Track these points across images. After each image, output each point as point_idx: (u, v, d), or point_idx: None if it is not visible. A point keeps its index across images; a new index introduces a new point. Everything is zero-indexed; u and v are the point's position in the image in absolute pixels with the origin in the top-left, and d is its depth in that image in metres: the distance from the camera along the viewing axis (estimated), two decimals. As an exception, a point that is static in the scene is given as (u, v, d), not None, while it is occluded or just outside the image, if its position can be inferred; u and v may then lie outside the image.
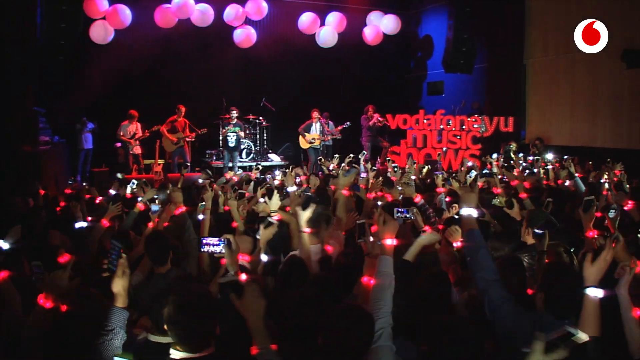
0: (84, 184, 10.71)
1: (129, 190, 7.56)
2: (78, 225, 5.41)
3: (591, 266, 2.61)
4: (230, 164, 13.23)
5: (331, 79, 15.88)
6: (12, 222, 5.38)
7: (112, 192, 7.77)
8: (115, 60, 13.45)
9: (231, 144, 13.16)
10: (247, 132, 14.08)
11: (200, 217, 4.98)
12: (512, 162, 11.17)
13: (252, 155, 14.23)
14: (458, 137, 13.65)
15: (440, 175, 7.01)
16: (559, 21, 13.03)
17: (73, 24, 11.61)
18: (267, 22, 15.34)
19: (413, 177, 7.36)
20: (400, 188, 6.51)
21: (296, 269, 3.62)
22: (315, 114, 13.62)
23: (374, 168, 9.37)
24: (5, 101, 10.17)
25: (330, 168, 9.87)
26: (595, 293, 2.59)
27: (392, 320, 2.58)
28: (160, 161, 13.48)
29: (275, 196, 4.52)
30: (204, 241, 3.26)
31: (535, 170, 9.15)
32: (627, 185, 7.82)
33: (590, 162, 10.66)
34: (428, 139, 13.86)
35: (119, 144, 13.13)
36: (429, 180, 8.75)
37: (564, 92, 13.27)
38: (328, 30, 15.44)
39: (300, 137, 13.81)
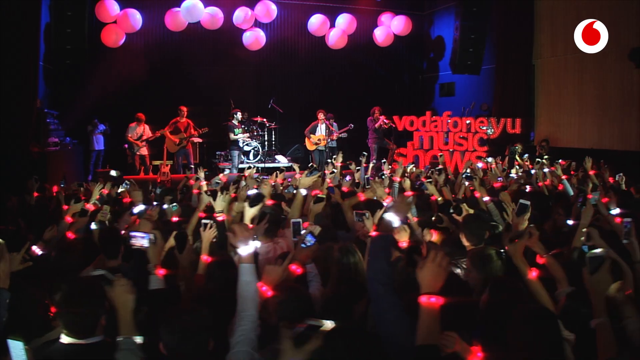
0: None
1: (120, 190, 7.77)
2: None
3: (421, 271, 2.43)
4: (241, 165, 13.38)
5: (341, 80, 15.91)
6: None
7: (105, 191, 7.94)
8: (126, 63, 13.80)
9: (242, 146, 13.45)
10: (255, 133, 14.21)
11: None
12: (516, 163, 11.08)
13: (259, 156, 14.34)
14: (465, 138, 13.52)
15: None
16: (568, 21, 12.79)
17: (78, 29, 11.89)
18: (276, 25, 15.44)
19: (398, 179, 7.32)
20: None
21: (225, 270, 3.65)
22: (321, 115, 13.69)
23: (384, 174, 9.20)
24: (13, 103, 10.47)
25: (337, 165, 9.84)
26: (430, 300, 2.35)
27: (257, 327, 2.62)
28: (169, 162, 13.69)
29: (219, 197, 4.57)
30: (132, 234, 3.36)
31: (534, 172, 9.03)
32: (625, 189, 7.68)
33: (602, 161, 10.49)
34: (435, 141, 13.76)
35: (126, 145, 13.39)
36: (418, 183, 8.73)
37: (572, 93, 13.05)
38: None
39: (306, 138, 13.90)
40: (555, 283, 3.37)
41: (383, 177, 8.16)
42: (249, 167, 9.98)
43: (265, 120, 14.33)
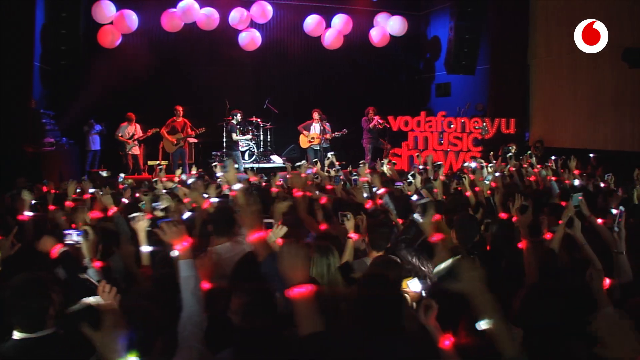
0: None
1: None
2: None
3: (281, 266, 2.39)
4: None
5: (337, 81, 15.93)
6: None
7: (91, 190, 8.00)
8: (123, 63, 13.85)
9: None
10: (251, 134, 14.26)
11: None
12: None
13: (254, 157, 14.38)
14: (459, 138, 13.55)
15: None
16: (563, 21, 12.80)
17: (73, 30, 11.97)
18: (272, 25, 15.49)
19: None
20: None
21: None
22: (316, 115, 13.70)
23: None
24: (7, 103, 10.56)
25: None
26: (299, 291, 2.31)
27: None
28: (164, 162, 13.74)
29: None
30: (65, 232, 3.37)
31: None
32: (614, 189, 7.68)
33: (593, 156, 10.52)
34: (429, 141, 13.78)
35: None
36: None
37: (567, 93, 13.04)
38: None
39: (301, 135, 13.88)
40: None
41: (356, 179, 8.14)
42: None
43: (260, 120, 14.37)
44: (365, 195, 6.09)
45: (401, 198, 6.29)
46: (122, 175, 10.07)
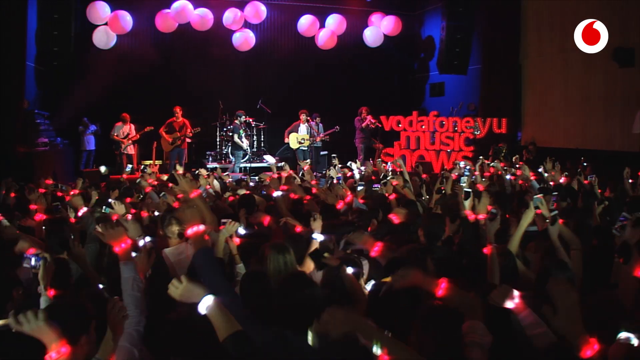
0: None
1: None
2: None
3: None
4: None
5: (331, 81, 15.93)
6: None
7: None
8: (118, 64, 13.99)
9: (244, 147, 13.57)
10: (246, 134, 14.35)
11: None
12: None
13: (247, 156, 14.45)
14: (451, 138, 13.59)
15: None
16: (554, 20, 12.82)
17: (64, 31, 12.08)
18: (266, 25, 15.55)
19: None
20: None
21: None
22: (303, 116, 13.71)
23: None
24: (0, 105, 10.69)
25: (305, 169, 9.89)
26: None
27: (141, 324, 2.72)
28: (158, 162, 13.86)
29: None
30: (25, 255, 3.27)
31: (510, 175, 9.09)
32: (599, 190, 7.72)
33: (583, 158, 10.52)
34: (421, 141, 13.82)
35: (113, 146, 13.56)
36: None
37: (558, 93, 13.04)
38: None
39: (290, 137, 13.85)
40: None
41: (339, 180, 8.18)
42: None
43: (252, 120, 14.39)
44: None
45: (378, 198, 6.37)
46: (129, 165, 10.21)
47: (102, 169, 11.13)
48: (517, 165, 9.99)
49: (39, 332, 2.14)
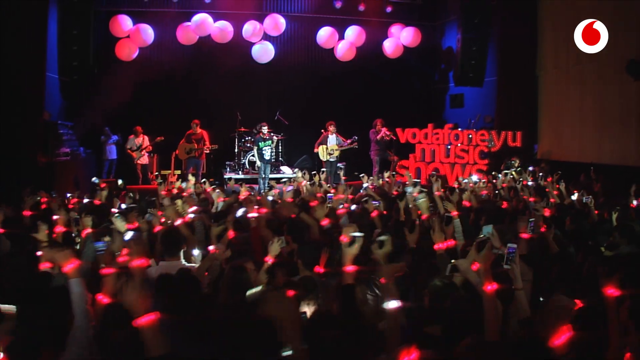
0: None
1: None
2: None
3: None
4: (263, 175, 13.56)
5: (350, 92, 15.90)
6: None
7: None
8: (139, 75, 14.32)
9: (267, 157, 13.44)
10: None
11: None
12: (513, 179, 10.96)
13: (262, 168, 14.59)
14: (466, 151, 13.50)
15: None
16: (569, 32, 12.58)
17: (84, 46, 12.52)
18: (285, 38, 15.72)
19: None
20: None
21: None
22: (332, 127, 13.72)
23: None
24: (20, 116, 11.13)
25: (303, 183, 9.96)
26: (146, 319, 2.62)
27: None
28: (177, 171, 14.20)
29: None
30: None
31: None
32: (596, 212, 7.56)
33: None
34: (436, 154, 13.77)
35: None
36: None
37: (574, 106, 12.76)
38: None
39: (320, 148, 13.79)
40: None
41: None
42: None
43: (272, 131, 14.53)
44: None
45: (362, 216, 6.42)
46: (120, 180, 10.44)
47: (119, 181, 11.49)
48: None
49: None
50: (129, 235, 4.59)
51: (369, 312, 3.47)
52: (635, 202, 7.89)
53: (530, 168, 11.79)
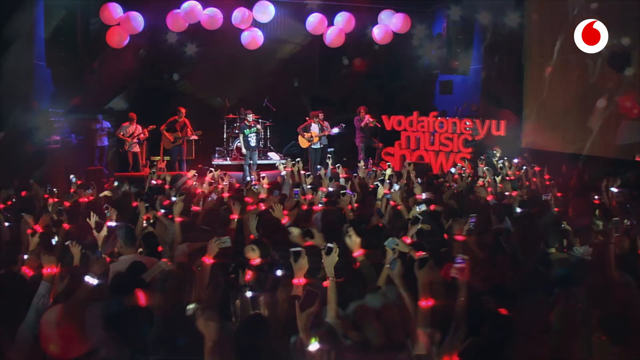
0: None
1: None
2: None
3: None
4: (250, 162, 13.73)
5: (339, 79, 16.00)
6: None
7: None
8: (130, 62, 14.53)
9: (253, 144, 13.62)
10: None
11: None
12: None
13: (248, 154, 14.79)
14: (450, 139, 13.62)
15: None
16: (554, 22, 12.59)
17: (70, 38, 12.81)
18: (275, 24, 15.75)
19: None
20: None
21: None
22: (321, 115, 13.91)
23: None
24: (8, 104, 11.35)
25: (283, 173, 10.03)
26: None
27: None
28: (166, 158, 14.44)
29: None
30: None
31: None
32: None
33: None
34: (421, 141, 13.90)
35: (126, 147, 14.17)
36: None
37: (558, 96, 12.79)
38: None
39: (300, 136, 14.15)
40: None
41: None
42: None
43: (258, 117, 14.72)
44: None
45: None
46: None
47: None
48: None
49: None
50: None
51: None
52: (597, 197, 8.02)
53: (516, 160, 11.79)
